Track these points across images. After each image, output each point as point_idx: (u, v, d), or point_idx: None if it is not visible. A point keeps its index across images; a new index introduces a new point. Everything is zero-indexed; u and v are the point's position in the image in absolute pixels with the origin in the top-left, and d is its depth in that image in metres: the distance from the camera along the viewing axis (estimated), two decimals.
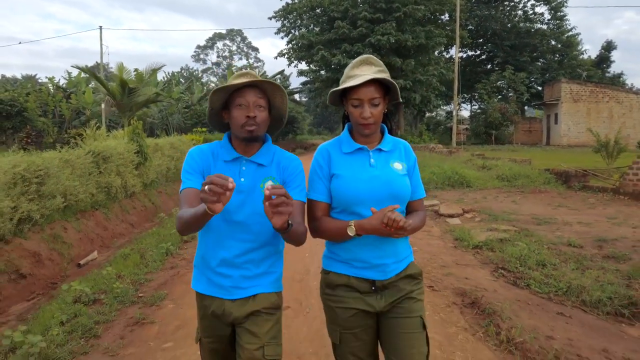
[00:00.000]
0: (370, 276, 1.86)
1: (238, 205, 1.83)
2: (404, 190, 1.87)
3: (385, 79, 1.80)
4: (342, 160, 1.91)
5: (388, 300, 1.86)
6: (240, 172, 1.86)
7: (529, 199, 10.51)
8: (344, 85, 1.83)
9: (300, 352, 3.22)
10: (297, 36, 32.04)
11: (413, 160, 1.98)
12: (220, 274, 1.85)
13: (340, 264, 1.91)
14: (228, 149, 1.90)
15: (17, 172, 5.79)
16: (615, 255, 5.75)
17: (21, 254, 5.61)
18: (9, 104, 21.01)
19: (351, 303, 1.87)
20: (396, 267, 1.89)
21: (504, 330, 3.54)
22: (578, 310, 4.45)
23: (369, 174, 1.86)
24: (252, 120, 1.80)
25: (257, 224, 1.84)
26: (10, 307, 4.87)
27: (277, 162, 1.93)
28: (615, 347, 3.62)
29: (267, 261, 1.91)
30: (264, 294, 1.88)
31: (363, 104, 1.80)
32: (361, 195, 1.83)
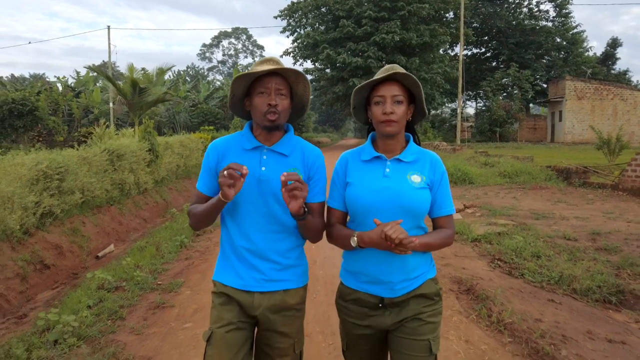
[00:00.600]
0: (377, 292, 1.81)
1: (261, 195, 1.82)
2: (416, 204, 1.78)
3: (406, 74, 1.78)
4: (358, 169, 1.88)
5: (395, 318, 1.81)
6: (260, 161, 1.84)
7: (529, 195, 10.77)
8: (369, 80, 1.83)
9: (308, 332, 3.55)
10: (303, 35, 32.34)
11: (440, 174, 1.87)
12: (251, 266, 1.84)
13: (350, 276, 1.89)
14: (249, 137, 1.89)
15: (40, 169, 6.14)
16: (607, 247, 6.01)
17: (44, 246, 5.97)
18: (20, 103, 21.41)
19: (359, 320, 1.85)
20: (406, 286, 1.81)
21: (495, 313, 3.85)
22: (568, 297, 4.73)
23: (381, 184, 1.80)
24: (273, 108, 1.78)
25: (282, 213, 1.83)
26: (37, 295, 5.22)
27: (301, 153, 1.91)
28: (599, 330, 3.91)
29: (294, 252, 1.90)
30: (295, 289, 1.88)
31: (385, 101, 1.78)
32: (370, 205, 1.78)
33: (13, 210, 5.54)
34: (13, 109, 21.45)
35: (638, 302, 4.58)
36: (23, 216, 5.69)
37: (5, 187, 5.48)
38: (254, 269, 1.83)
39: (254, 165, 1.82)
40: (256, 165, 1.83)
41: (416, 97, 1.87)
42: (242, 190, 1.76)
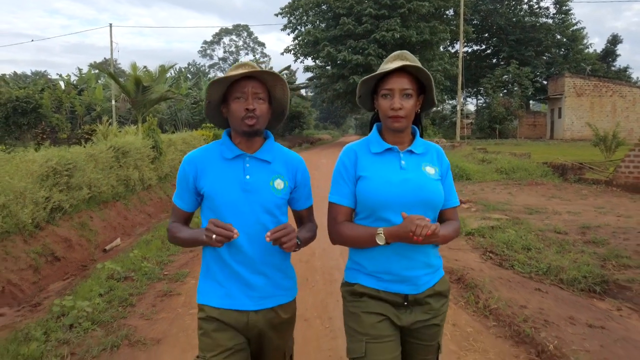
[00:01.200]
0: (401, 290, 1.73)
1: (248, 205, 1.75)
2: (437, 197, 1.75)
3: (418, 67, 1.70)
4: (370, 161, 1.78)
5: (417, 317, 1.75)
6: (244, 170, 1.78)
7: (524, 191, 11.00)
8: (376, 73, 1.76)
9: (307, 316, 3.80)
10: (303, 32, 32.56)
11: (446, 166, 1.86)
12: (244, 283, 1.76)
13: (366, 276, 1.77)
14: (229, 146, 1.81)
15: (50, 165, 6.39)
16: (595, 240, 6.25)
17: (54, 239, 6.22)
18: (24, 101, 21.67)
19: (379, 309, 1.73)
20: (429, 280, 1.77)
21: (482, 300, 4.09)
22: (555, 287, 4.97)
23: (400, 177, 1.73)
24: (251, 113, 1.71)
25: (272, 223, 1.76)
26: (49, 285, 5.47)
27: (283, 160, 1.87)
28: (581, 316, 4.15)
29: (285, 263, 1.86)
30: (288, 303, 1.85)
31: (394, 94, 1.70)
32: (390, 199, 1.70)
33: (25, 205, 5.78)
34: (17, 106, 21.71)
35: (621, 291, 4.82)
36: (34, 210, 5.94)
37: (18, 182, 5.73)
38: (247, 286, 1.75)
39: (238, 175, 1.76)
40: (240, 174, 1.77)
41: (427, 88, 1.78)
42: (229, 202, 1.74)
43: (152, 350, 3.29)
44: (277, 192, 1.79)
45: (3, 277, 5.03)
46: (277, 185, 1.80)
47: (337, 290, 4.66)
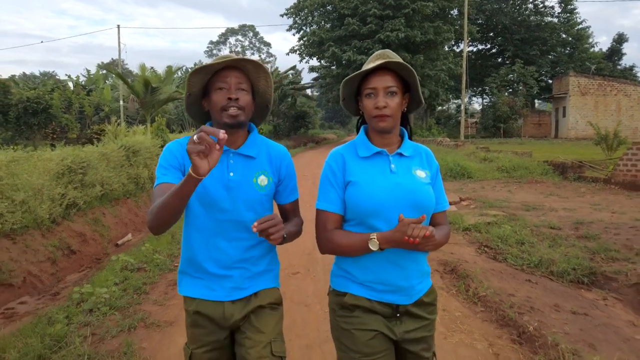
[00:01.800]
0: (394, 300, 1.69)
1: (229, 202, 1.71)
2: (429, 201, 1.69)
3: (400, 63, 1.65)
4: (359, 166, 1.72)
5: (408, 327, 1.71)
6: (228, 166, 1.73)
7: (524, 189, 11.23)
8: (357, 72, 1.71)
9: (307, 302, 4.09)
10: (309, 33, 32.86)
11: (435, 168, 1.81)
12: (217, 276, 1.74)
13: (358, 286, 1.71)
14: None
15: (66, 164, 6.72)
16: (587, 235, 6.48)
17: (70, 234, 6.55)
18: (35, 101, 22.08)
19: (372, 325, 1.67)
20: (420, 289, 1.74)
21: (472, 288, 4.37)
22: (545, 279, 5.23)
23: (391, 182, 1.67)
24: (233, 102, 1.65)
25: (251, 220, 1.68)
26: (66, 277, 5.80)
27: (267, 154, 1.83)
28: (566, 304, 4.40)
29: (265, 259, 1.82)
30: (266, 289, 1.81)
31: (377, 93, 1.65)
32: (381, 205, 1.64)
33: (42, 201, 6.12)
34: (28, 107, 22.13)
35: (608, 282, 5.07)
36: (51, 206, 6.27)
37: (36, 179, 6.06)
38: (223, 278, 1.74)
39: (221, 171, 1.71)
40: (223, 170, 1.72)
41: (411, 86, 1.73)
42: (210, 198, 1.69)
43: (165, 330, 3.59)
44: (260, 188, 1.76)
45: (24, 268, 5.36)
46: (261, 181, 1.77)
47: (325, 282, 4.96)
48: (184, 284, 1.81)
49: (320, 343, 3.30)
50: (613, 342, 3.66)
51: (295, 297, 4.22)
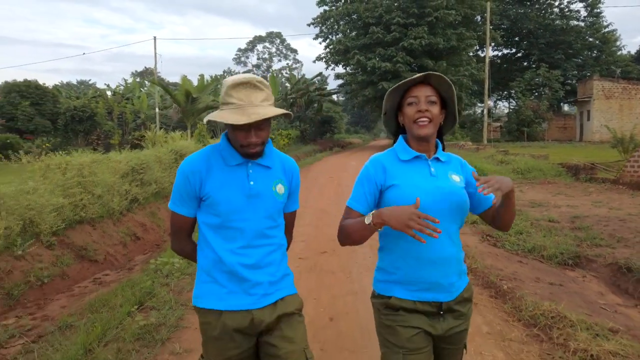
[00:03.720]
0: (436, 298, 1.76)
1: (250, 210, 1.79)
2: (466, 203, 1.80)
3: (441, 76, 1.77)
4: (400, 169, 1.81)
5: (450, 324, 1.79)
6: (248, 176, 1.80)
7: (535, 189, 12.03)
8: (403, 81, 1.81)
9: (333, 270, 5.18)
10: (334, 41, 34.02)
11: (470, 172, 1.87)
12: (248, 282, 1.77)
13: (400, 287, 1.79)
14: (230, 152, 1.81)
15: (130, 165, 7.99)
16: (581, 227, 7.35)
17: (134, 223, 7.80)
18: (81, 109, 23.90)
19: (415, 322, 1.75)
20: (460, 285, 1.82)
21: (466, 263, 5.35)
22: (536, 261, 6.16)
23: (432, 184, 1.76)
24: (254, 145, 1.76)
25: (270, 228, 1.83)
26: (135, 257, 7.03)
27: (281, 164, 1.91)
28: (546, 278, 5.35)
29: (283, 263, 1.90)
30: (291, 295, 1.88)
31: (419, 101, 1.76)
32: (424, 205, 1.67)
33: (114, 195, 7.39)
34: (75, 115, 23.99)
35: (589, 264, 5.98)
36: (120, 201, 7.53)
37: (109, 178, 7.33)
38: (251, 284, 1.78)
39: (242, 181, 1.80)
40: (244, 180, 1.80)
41: (448, 102, 1.86)
42: (234, 208, 1.77)
43: None
44: (279, 196, 1.85)
45: (103, 249, 6.61)
46: (279, 190, 1.85)
47: (356, 255, 6.00)
48: (206, 295, 1.81)
49: (344, 295, 4.38)
50: (576, 302, 4.60)
51: (324, 267, 5.33)
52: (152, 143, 14.53)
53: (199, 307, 1.81)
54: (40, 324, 4.34)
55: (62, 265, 5.68)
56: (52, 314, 4.64)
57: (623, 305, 4.78)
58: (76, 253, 6.11)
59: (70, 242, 6.16)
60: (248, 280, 1.77)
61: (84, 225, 6.66)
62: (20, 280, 5.08)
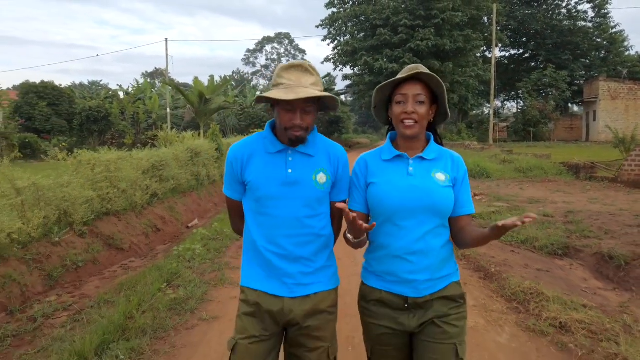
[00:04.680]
0: (401, 292, 1.81)
1: (287, 198, 1.81)
2: (444, 203, 1.78)
3: (430, 74, 1.78)
4: (380, 168, 1.86)
5: (420, 320, 1.81)
6: (287, 163, 1.82)
7: (536, 187, 12.48)
8: (391, 80, 1.82)
9: (339, 257, 5.68)
10: (342, 43, 34.57)
11: (463, 172, 1.87)
12: (280, 271, 1.82)
13: (374, 276, 1.88)
14: (272, 140, 1.85)
15: (151, 162, 8.57)
16: (573, 221, 7.81)
17: (154, 216, 8.38)
18: (96, 110, 24.61)
19: (382, 321, 1.84)
20: (431, 286, 1.80)
21: (460, 251, 5.85)
22: (528, 251, 6.64)
23: (406, 183, 1.79)
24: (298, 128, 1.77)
25: (308, 217, 1.83)
26: (156, 247, 7.60)
27: (326, 151, 1.90)
28: (535, 265, 5.83)
29: (322, 255, 1.89)
30: (325, 291, 1.87)
31: (407, 100, 1.77)
32: (396, 204, 1.77)
33: (136, 190, 7.96)
34: (90, 115, 24.71)
35: (577, 254, 6.43)
36: (141, 195, 8.11)
37: (132, 173, 7.91)
38: (283, 273, 1.82)
39: (280, 169, 1.82)
40: (282, 167, 1.82)
41: (439, 98, 1.87)
42: (270, 194, 1.81)
43: None
44: (319, 186, 1.84)
45: (128, 239, 7.18)
46: (320, 179, 1.84)
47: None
48: (248, 275, 1.90)
49: (348, 276, 4.90)
50: (559, 285, 5.08)
51: None
52: (165, 142, 15.10)
53: (242, 285, 1.90)
54: (79, 301, 4.91)
55: (93, 252, 6.25)
56: (88, 293, 5.21)
57: (603, 289, 5.25)
58: (104, 241, 6.68)
59: (99, 231, 6.73)
60: (279, 268, 1.82)
61: (110, 217, 7.23)
62: (57, 264, 5.65)
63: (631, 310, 4.39)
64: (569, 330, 3.50)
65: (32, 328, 4.13)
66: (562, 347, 3.28)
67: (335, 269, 1.96)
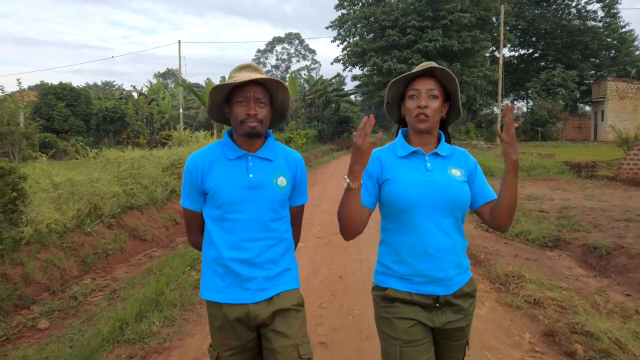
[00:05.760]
0: (433, 291, 1.77)
1: (250, 202, 1.82)
2: (463, 198, 1.79)
3: (444, 70, 1.78)
4: (396, 164, 1.84)
5: (449, 318, 1.80)
6: (247, 168, 1.84)
7: (537, 185, 12.90)
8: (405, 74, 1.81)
9: (344, 246, 6.24)
10: (352, 44, 35.10)
11: (473, 164, 1.90)
12: (242, 277, 1.81)
13: (398, 280, 1.81)
14: (231, 147, 1.87)
15: (171, 160, 9.19)
16: (566, 216, 8.28)
17: (173, 211, 8.99)
18: (112, 110, 25.39)
19: (410, 314, 1.78)
20: (460, 280, 1.81)
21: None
22: (521, 243, 7.14)
23: (426, 178, 1.78)
24: (252, 117, 1.77)
25: (272, 220, 1.84)
26: (176, 239, 8.22)
27: (284, 157, 1.94)
28: (525, 255, 6.33)
29: (285, 257, 1.91)
30: (288, 291, 1.89)
31: (420, 94, 1.78)
32: (416, 200, 1.74)
33: (157, 186, 8.58)
34: (106, 115, 25.50)
35: (566, 246, 6.92)
36: (162, 191, 8.72)
37: (154, 171, 8.53)
38: (245, 279, 1.81)
39: (241, 174, 1.83)
40: (243, 172, 1.83)
41: (452, 95, 1.87)
42: (233, 200, 1.81)
43: None
44: (280, 189, 1.87)
45: (150, 231, 7.80)
46: (280, 182, 1.87)
47: (363, 235, 6.97)
48: (207, 287, 1.88)
49: (352, 262, 5.47)
50: (544, 272, 5.57)
51: (337, 244, 6.42)
52: (179, 142, 15.72)
53: (204, 299, 1.90)
54: (111, 283, 5.52)
55: (120, 242, 6.87)
56: (118, 277, 5.82)
57: (585, 276, 5.75)
58: (129, 233, 7.30)
59: (124, 223, 7.35)
60: (241, 275, 1.81)
61: (134, 210, 7.85)
62: (90, 251, 6.27)
63: (606, 293, 4.90)
64: (541, 306, 4.03)
65: (75, 304, 4.74)
66: (533, 318, 3.80)
67: (296, 272, 1.98)
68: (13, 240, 5.17)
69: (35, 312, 4.51)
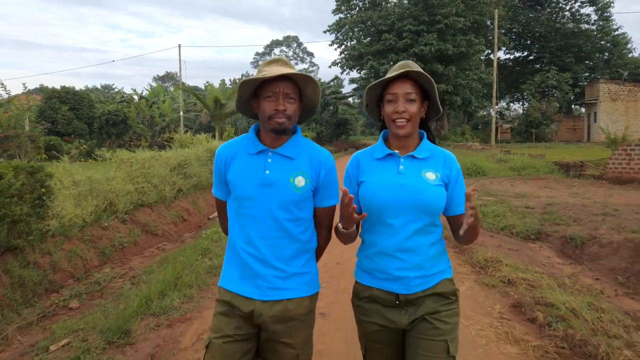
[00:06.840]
0: (392, 289, 1.82)
1: (263, 199, 1.80)
2: (434, 202, 1.78)
3: (420, 72, 1.78)
4: (371, 166, 1.88)
5: (411, 316, 1.82)
6: (265, 165, 1.81)
7: (526, 184, 13.47)
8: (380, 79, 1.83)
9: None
10: (349, 47, 35.74)
11: (456, 172, 1.87)
12: (255, 273, 1.81)
13: (365, 274, 1.91)
14: (254, 141, 1.86)
15: (178, 161, 9.74)
16: (549, 211, 8.83)
17: (180, 208, 9.54)
18: (115, 113, 25.91)
19: (374, 318, 1.86)
20: (421, 283, 1.81)
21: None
22: (505, 236, 7.68)
23: (396, 181, 1.80)
24: (281, 113, 1.74)
25: (286, 219, 1.81)
26: (184, 234, 8.76)
27: (309, 156, 1.88)
28: (507, 245, 6.88)
29: (298, 260, 1.87)
30: (298, 299, 1.84)
31: (397, 99, 1.78)
32: (385, 202, 1.78)
33: (165, 185, 9.13)
34: (109, 119, 26.03)
35: (547, 238, 7.46)
36: (170, 190, 9.27)
37: (162, 171, 9.08)
38: (257, 276, 1.81)
39: (258, 169, 1.81)
40: (260, 168, 1.81)
41: (430, 94, 1.87)
42: (247, 195, 1.81)
43: None
44: (296, 189, 1.82)
45: (160, 227, 8.35)
46: (298, 182, 1.82)
47: None
48: (225, 276, 1.91)
49: (349, 250, 5.99)
50: (523, 260, 6.14)
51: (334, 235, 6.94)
52: (181, 144, 16.26)
53: (219, 285, 1.93)
54: (129, 272, 6.07)
55: (134, 236, 7.41)
56: (134, 266, 6.37)
57: (561, 264, 6.31)
58: (142, 228, 7.84)
59: (137, 219, 7.90)
60: (254, 270, 1.81)
61: (145, 208, 8.40)
62: (107, 244, 6.82)
63: (577, 278, 5.47)
64: (514, 284, 4.59)
65: (99, 288, 5.29)
66: (505, 294, 4.37)
67: (312, 276, 1.93)
68: (40, 232, 5.71)
69: (65, 295, 5.06)
